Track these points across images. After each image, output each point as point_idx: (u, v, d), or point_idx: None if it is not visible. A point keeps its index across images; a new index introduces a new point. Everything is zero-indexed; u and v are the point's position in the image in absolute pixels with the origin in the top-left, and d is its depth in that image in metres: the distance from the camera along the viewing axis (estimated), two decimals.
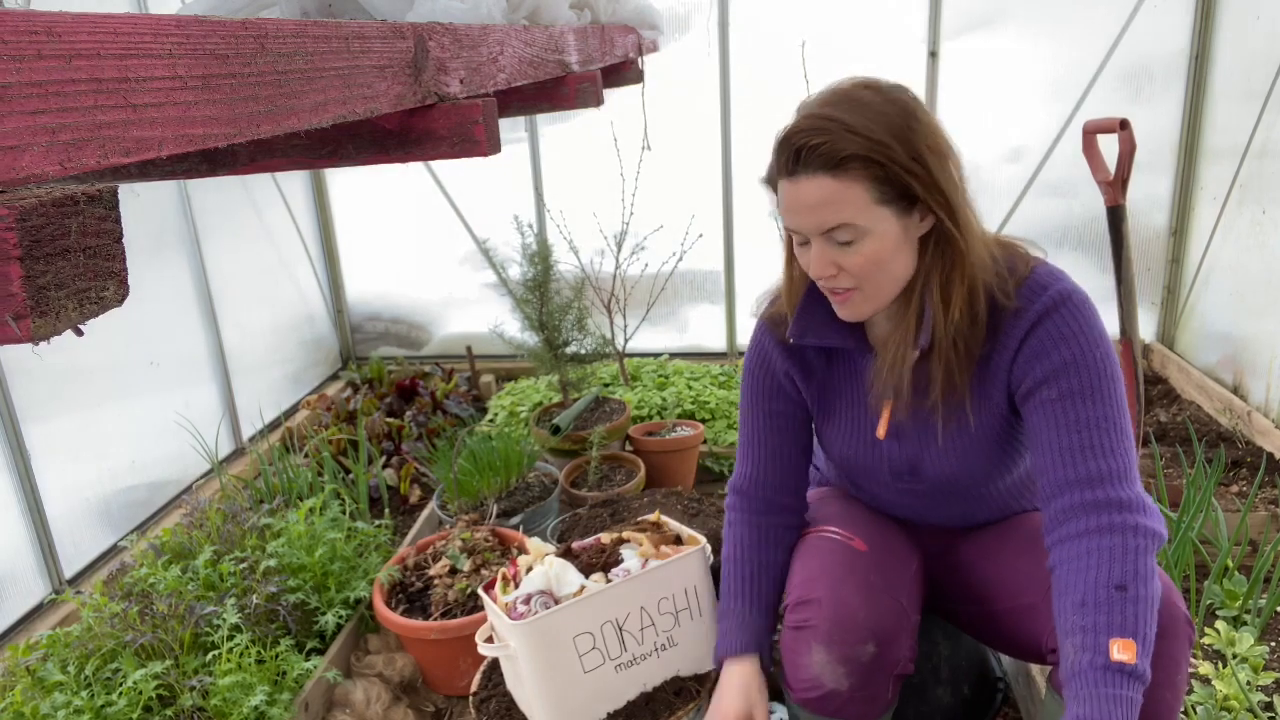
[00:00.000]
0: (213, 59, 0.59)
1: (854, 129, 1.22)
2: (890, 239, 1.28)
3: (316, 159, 1.09)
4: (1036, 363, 1.32)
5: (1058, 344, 1.30)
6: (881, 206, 1.26)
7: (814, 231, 1.29)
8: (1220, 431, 3.04)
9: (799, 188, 1.27)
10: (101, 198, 0.46)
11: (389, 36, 0.92)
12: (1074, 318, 1.31)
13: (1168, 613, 1.28)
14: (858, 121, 1.23)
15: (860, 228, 1.26)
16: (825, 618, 1.43)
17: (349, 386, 4.04)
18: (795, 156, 1.26)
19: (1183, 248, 3.66)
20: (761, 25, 3.71)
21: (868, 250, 1.28)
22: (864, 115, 1.23)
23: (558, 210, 4.02)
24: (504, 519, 2.59)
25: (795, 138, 1.26)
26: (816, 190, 1.25)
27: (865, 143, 1.22)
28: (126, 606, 2.07)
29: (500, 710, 1.80)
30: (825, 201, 1.25)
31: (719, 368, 3.89)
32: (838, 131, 1.23)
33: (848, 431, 1.54)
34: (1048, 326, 1.31)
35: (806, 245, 1.33)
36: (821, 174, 1.24)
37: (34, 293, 0.41)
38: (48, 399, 2.54)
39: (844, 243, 1.28)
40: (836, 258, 1.30)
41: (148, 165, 0.96)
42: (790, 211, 1.31)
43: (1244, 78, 3.20)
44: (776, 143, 1.31)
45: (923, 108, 1.29)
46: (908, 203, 1.27)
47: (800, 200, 1.28)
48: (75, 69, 0.45)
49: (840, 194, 1.24)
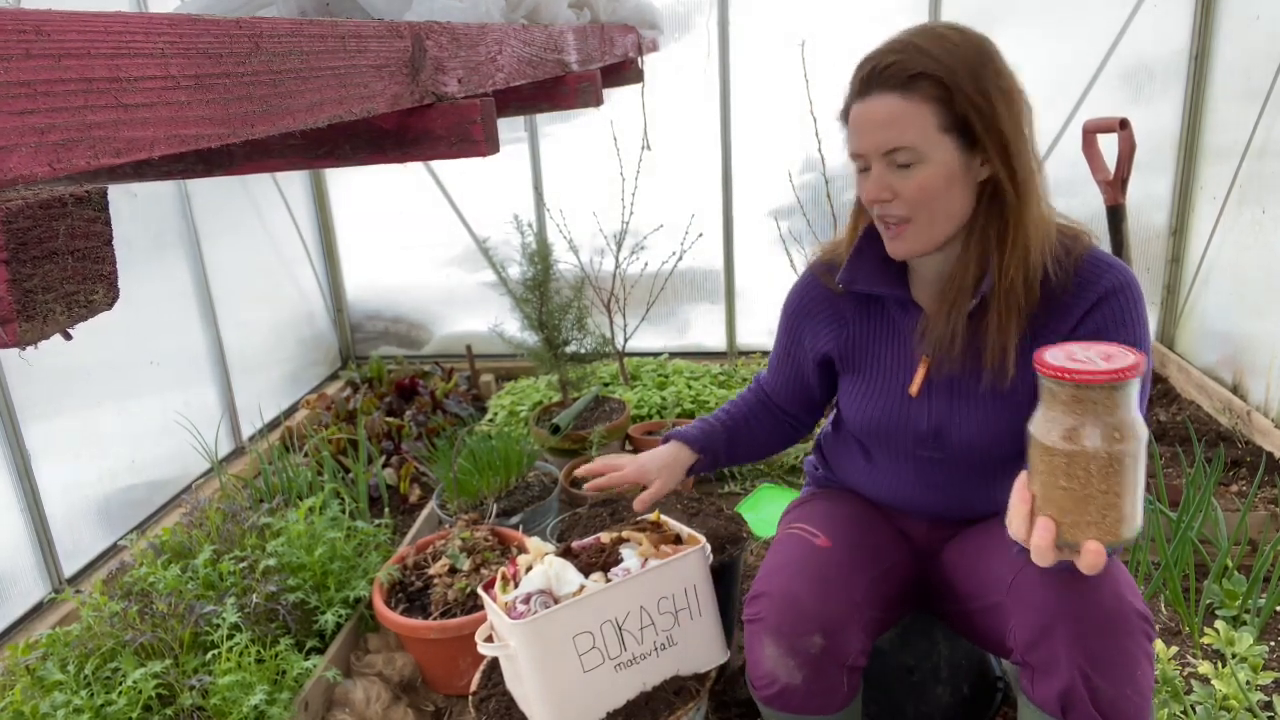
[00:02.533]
0: (206, 58, 0.59)
1: (927, 51, 1.27)
2: (947, 169, 1.30)
3: (313, 159, 1.09)
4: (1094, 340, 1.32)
5: (1119, 327, 1.34)
6: (944, 134, 1.29)
7: (876, 152, 1.32)
8: (1220, 431, 3.03)
9: (868, 106, 1.31)
10: (90, 199, 0.45)
11: (386, 36, 0.92)
12: (1136, 306, 1.35)
13: (1118, 606, 1.27)
14: (933, 47, 1.27)
15: (919, 151, 1.29)
16: (773, 609, 1.45)
17: (349, 386, 4.04)
18: (869, 77, 1.30)
19: (1182, 247, 3.66)
20: (761, 25, 3.71)
21: (923, 176, 1.30)
22: (940, 44, 1.28)
23: (557, 209, 4.02)
24: (504, 518, 2.59)
25: (873, 58, 1.31)
26: (884, 108, 1.29)
27: (935, 64, 1.26)
28: (126, 606, 2.07)
29: (500, 709, 1.80)
30: (891, 120, 1.29)
31: (719, 367, 3.89)
32: (911, 52, 1.27)
33: (878, 388, 1.55)
34: (1113, 306, 1.34)
35: (866, 173, 1.35)
36: (891, 93, 1.28)
37: (20, 296, 0.41)
38: (47, 398, 2.54)
39: (902, 165, 1.31)
40: (892, 181, 1.32)
41: (142, 166, 0.96)
42: (856, 131, 1.34)
43: (1244, 77, 3.20)
44: (856, 68, 1.35)
45: (1001, 56, 1.32)
46: (971, 140, 1.30)
47: (867, 118, 1.31)
48: (65, 68, 0.45)
49: (905, 113, 1.28)
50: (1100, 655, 1.26)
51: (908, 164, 1.30)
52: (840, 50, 3.62)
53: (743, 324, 4.15)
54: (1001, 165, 1.30)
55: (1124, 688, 1.26)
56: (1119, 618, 1.27)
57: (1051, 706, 1.30)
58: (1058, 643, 1.28)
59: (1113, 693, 1.25)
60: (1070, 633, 1.27)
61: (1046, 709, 1.31)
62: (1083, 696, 1.26)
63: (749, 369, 3.89)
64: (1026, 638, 1.32)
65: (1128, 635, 1.27)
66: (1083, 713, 1.27)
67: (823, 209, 3.74)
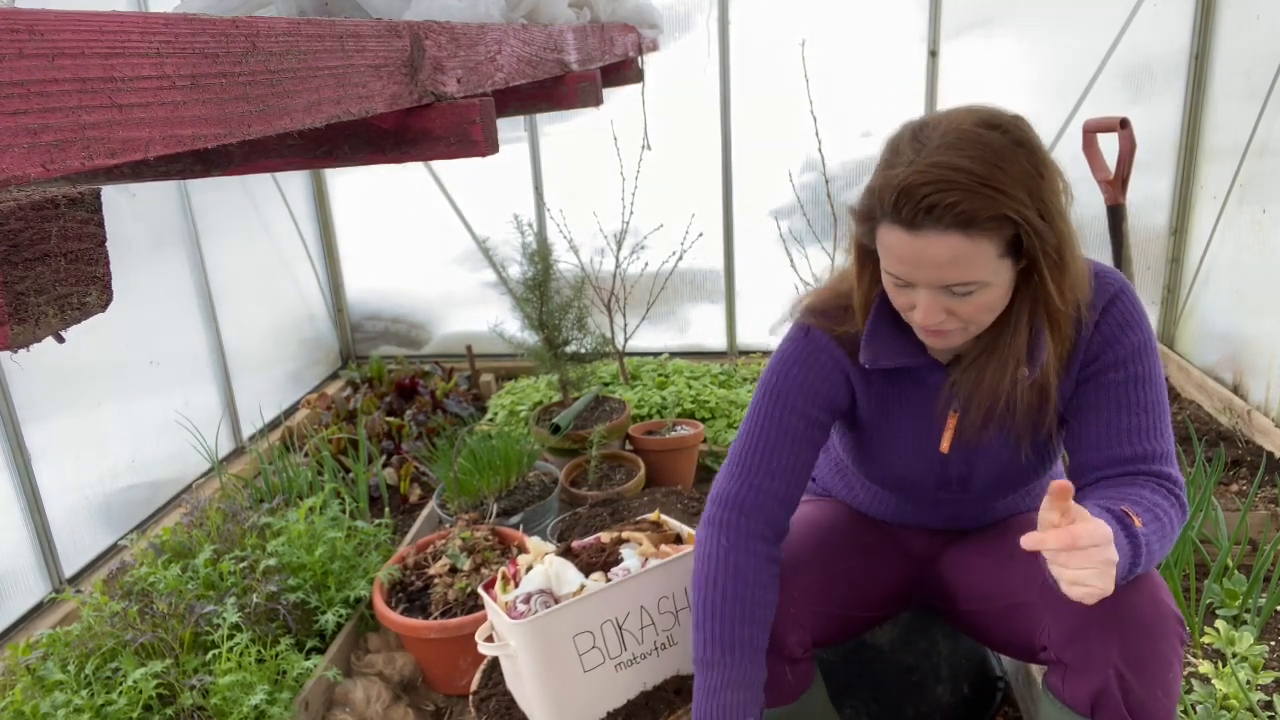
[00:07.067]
0: (202, 58, 0.58)
1: (990, 184, 1.13)
2: (1006, 286, 1.23)
3: (312, 159, 1.09)
4: (1108, 349, 1.34)
5: (1125, 330, 1.34)
6: (1005, 259, 1.20)
7: (933, 285, 1.21)
8: (1220, 431, 3.03)
9: (924, 243, 1.17)
10: (84, 200, 0.45)
11: (384, 35, 0.92)
12: (1134, 306, 1.35)
13: (1155, 609, 1.28)
14: (993, 175, 1.13)
15: (984, 282, 1.20)
16: None
17: (349, 385, 4.04)
18: (924, 210, 1.14)
19: (1183, 247, 3.66)
20: (762, 24, 3.70)
21: (983, 299, 1.22)
22: (997, 167, 1.14)
23: (558, 209, 4.01)
24: (504, 518, 2.59)
25: (923, 189, 1.14)
26: (946, 249, 1.16)
27: (1004, 202, 1.13)
28: (126, 605, 2.07)
29: (500, 709, 1.80)
30: (955, 260, 1.17)
31: (719, 367, 3.89)
32: (972, 186, 1.13)
33: (907, 444, 1.49)
34: (1114, 313, 1.34)
35: (909, 288, 1.24)
36: (953, 232, 1.14)
37: (12, 299, 0.40)
38: (48, 398, 2.54)
39: (962, 294, 1.21)
40: (950, 305, 1.23)
41: (140, 166, 0.95)
42: (906, 262, 1.20)
43: (1244, 76, 3.19)
44: (894, 189, 1.16)
45: (1042, 145, 1.22)
46: (1026, 247, 1.22)
47: (925, 256, 1.18)
48: (59, 68, 0.45)
49: (971, 252, 1.16)
50: (1137, 656, 1.26)
51: (968, 292, 1.21)
52: (841, 50, 3.65)
53: (743, 323, 4.15)
54: (1056, 263, 1.22)
55: (1155, 689, 1.26)
56: (1158, 619, 1.27)
57: (1082, 705, 1.30)
58: (1095, 641, 1.28)
59: (1144, 694, 1.25)
60: (1109, 632, 1.27)
61: (1076, 708, 1.31)
62: (1115, 697, 1.27)
63: (749, 369, 3.89)
64: (1063, 635, 1.32)
65: (1163, 638, 1.27)
66: (1113, 713, 1.27)
67: (823, 209, 3.74)
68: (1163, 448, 1.32)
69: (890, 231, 1.20)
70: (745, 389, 3.64)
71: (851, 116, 3.71)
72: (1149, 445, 1.32)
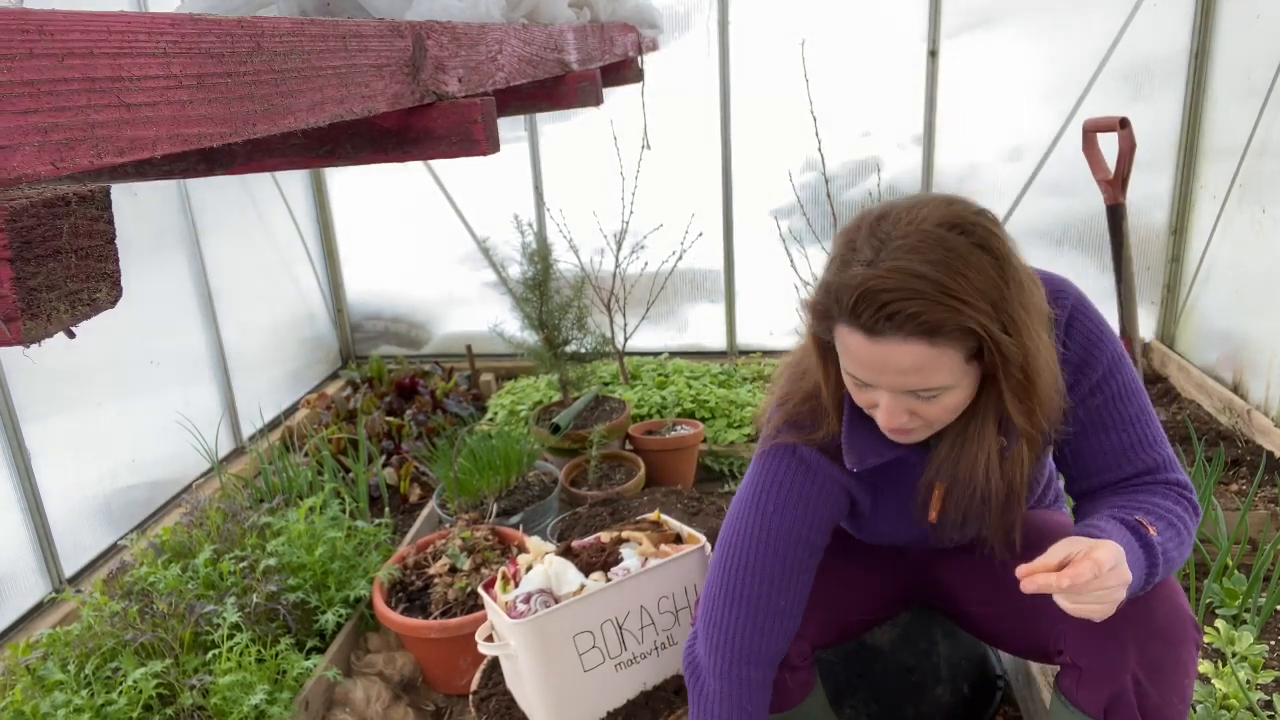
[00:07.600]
0: (208, 58, 0.59)
1: (953, 294, 1.08)
2: (970, 388, 1.20)
3: (314, 158, 1.09)
4: (1082, 376, 1.30)
5: (1093, 350, 1.30)
6: (970, 363, 1.16)
7: (895, 390, 1.17)
8: (1220, 430, 3.03)
9: (886, 349, 1.12)
10: (94, 198, 0.45)
11: (387, 35, 0.92)
12: (1094, 321, 1.31)
13: (1175, 615, 1.27)
14: (956, 285, 1.08)
15: (948, 386, 1.17)
16: None
17: (349, 385, 4.04)
18: (884, 316, 1.10)
19: (1183, 246, 3.66)
20: (761, 24, 3.71)
21: (948, 401, 1.19)
22: (961, 275, 1.09)
23: (557, 209, 4.02)
24: (504, 518, 2.59)
25: (883, 295, 1.09)
26: (910, 356, 1.12)
27: (966, 314, 1.09)
28: (126, 605, 2.07)
29: (500, 709, 1.80)
30: (918, 368, 1.13)
31: (719, 366, 3.89)
32: (935, 296, 1.08)
33: (896, 518, 1.49)
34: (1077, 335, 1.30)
35: (871, 388, 1.20)
36: (916, 339, 1.10)
37: (25, 295, 0.41)
38: (48, 398, 2.54)
39: (926, 398, 1.18)
40: (913, 408, 1.19)
41: (144, 165, 0.96)
42: (867, 367, 1.16)
43: (1244, 76, 3.20)
44: (852, 292, 1.11)
45: (1011, 250, 1.16)
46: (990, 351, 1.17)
47: (887, 362, 1.14)
48: (68, 68, 0.45)
49: (935, 360, 1.12)
50: (1155, 661, 1.26)
51: (932, 396, 1.17)
52: (841, 50, 3.66)
53: (743, 323, 4.15)
54: (1017, 381, 1.18)
55: (1170, 695, 1.26)
56: (1177, 624, 1.27)
57: (1096, 710, 1.30)
58: (1115, 646, 1.27)
59: (1159, 700, 1.25)
60: (1130, 636, 1.26)
61: (1090, 711, 1.31)
62: (1130, 702, 1.27)
63: (749, 368, 3.90)
64: (1080, 640, 1.31)
65: (1182, 644, 1.27)
66: (1127, 717, 1.27)
67: (823, 208, 3.75)
68: (1163, 456, 1.31)
69: (850, 334, 1.15)
70: (745, 388, 3.64)
71: (851, 116, 3.72)
72: (1149, 458, 1.31)
